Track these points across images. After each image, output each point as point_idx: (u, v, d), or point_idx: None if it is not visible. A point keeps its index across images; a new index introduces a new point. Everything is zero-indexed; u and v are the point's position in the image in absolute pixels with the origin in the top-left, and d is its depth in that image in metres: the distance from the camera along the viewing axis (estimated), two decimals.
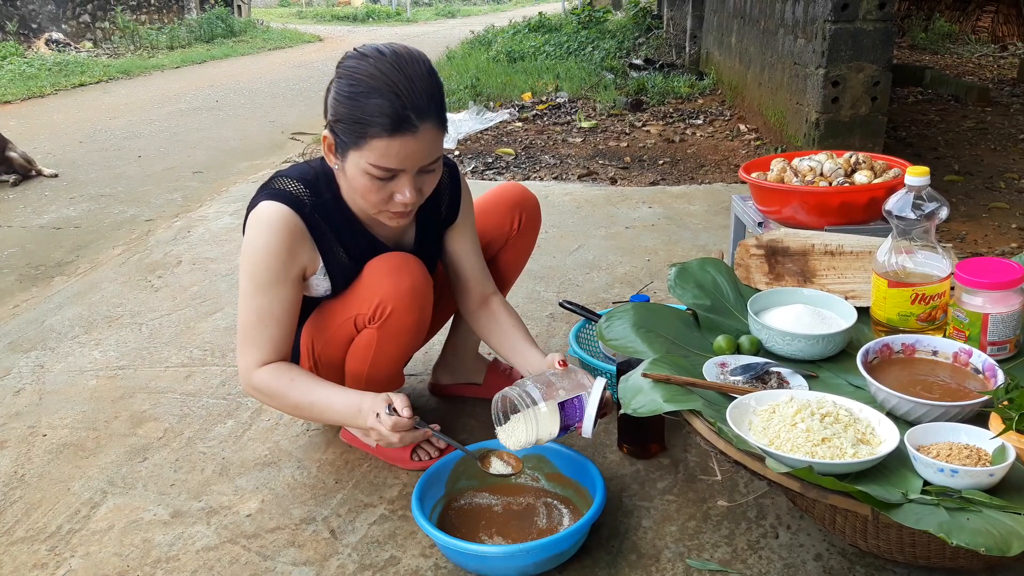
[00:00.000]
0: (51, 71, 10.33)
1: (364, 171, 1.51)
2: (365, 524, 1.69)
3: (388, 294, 1.62)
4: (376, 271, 1.65)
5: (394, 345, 1.70)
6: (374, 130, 1.46)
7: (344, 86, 1.49)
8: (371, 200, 1.56)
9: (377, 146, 1.47)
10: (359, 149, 1.49)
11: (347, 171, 1.55)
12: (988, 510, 1.17)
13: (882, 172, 2.32)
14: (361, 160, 1.50)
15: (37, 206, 4.52)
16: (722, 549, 1.57)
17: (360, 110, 1.46)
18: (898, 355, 1.55)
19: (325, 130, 1.56)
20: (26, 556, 1.64)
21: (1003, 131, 5.44)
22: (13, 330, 2.75)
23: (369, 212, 1.62)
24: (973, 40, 10.19)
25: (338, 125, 1.51)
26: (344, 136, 1.51)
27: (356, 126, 1.47)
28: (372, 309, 1.64)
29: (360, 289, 1.67)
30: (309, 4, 28.35)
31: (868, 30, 3.89)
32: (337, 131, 1.52)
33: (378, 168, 1.49)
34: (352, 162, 1.52)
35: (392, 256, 1.67)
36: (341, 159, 1.55)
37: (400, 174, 1.52)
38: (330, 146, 1.57)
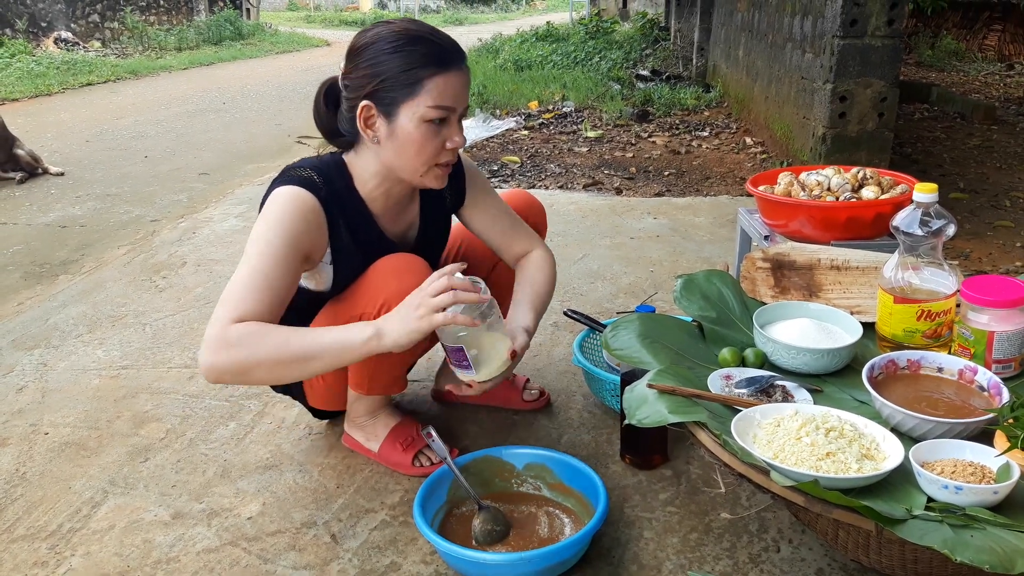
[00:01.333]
0: (59, 70, 10.37)
1: (421, 118, 1.54)
2: (366, 529, 1.68)
3: (393, 294, 1.62)
4: (381, 271, 1.65)
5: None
6: (428, 71, 1.52)
7: (384, 45, 1.53)
8: (428, 151, 1.57)
9: (433, 86, 1.53)
10: (414, 97, 1.53)
11: (398, 131, 1.56)
12: (992, 528, 1.17)
13: (889, 188, 2.33)
14: (418, 107, 1.53)
15: (43, 204, 4.53)
16: (723, 562, 1.56)
17: (410, 57, 1.52)
18: (903, 371, 1.54)
19: (362, 102, 1.55)
20: (26, 554, 1.63)
21: (1009, 149, 5.45)
22: (17, 327, 2.75)
23: (419, 174, 1.62)
24: (980, 58, 10.21)
25: (384, 83, 1.53)
26: (394, 91, 1.53)
27: (408, 74, 1.51)
28: (376, 309, 1.63)
29: (364, 288, 1.66)
30: (317, 8, 28.44)
31: (876, 46, 3.90)
32: (382, 91, 1.53)
33: (436, 108, 1.53)
34: (406, 116, 1.54)
35: (398, 257, 1.67)
36: (388, 121, 1.56)
37: (450, 117, 1.57)
38: (370, 116, 1.57)
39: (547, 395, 2.15)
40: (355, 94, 1.57)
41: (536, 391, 2.14)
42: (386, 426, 1.90)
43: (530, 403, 2.12)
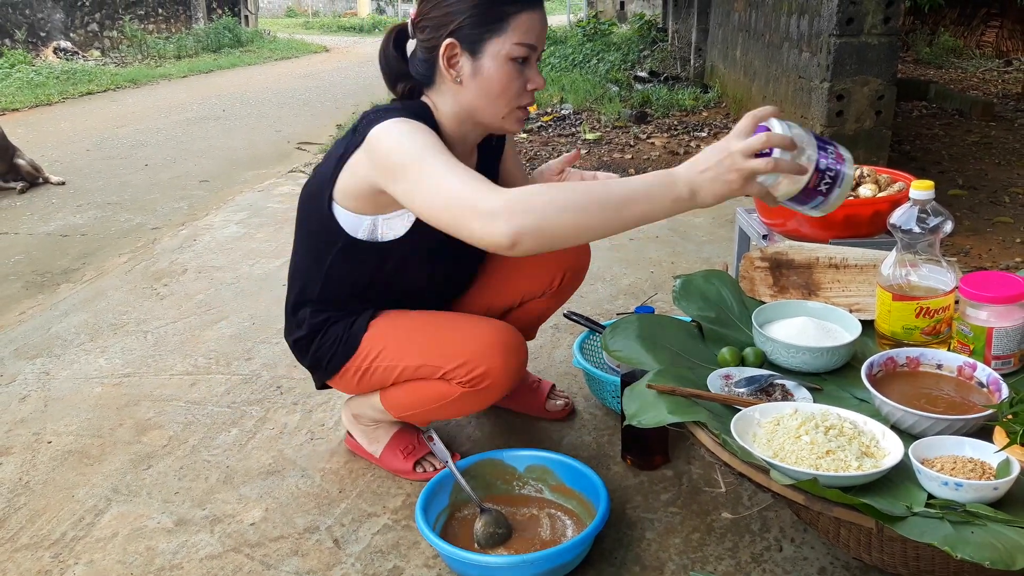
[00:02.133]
0: (59, 79, 10.40)
1: (507, 56, 1.50)
2: (369, 534, 1.69)
3: (495, 368, 1.60)
4: (493, 340, 1.62)
5: (470, 407, 1.71)
6: (514, 7, 1.49)
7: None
8: (512, 91, 1.54)
9: (520, 22, 1.50)
10: (501, 34, 1.50)
11: (483, 69, 1.52)
12: (992, 524, 1.17)
13: (887, 186, 2.33)
14: (505, 44, 1.50)
15: (44, 213, 4.54)
16: (726, 562, 1.56)
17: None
18: (902, 368, 1.54)
19: (446, 39, 1.51)
20: (30, 563, 1.64)
21: (1007, 145, 5.45)
22: (19, 337, 2.76)
23: (501, 115, 1.57)
24: (978, 55, 10.21)
25: (470, 20, 1.49)
26: (480, 28, 1.49)
27: (495, 10, 1.49)
28: (471, 374, 1.61)
29: (468, 345, 1.62)
30: (316, 15, 28.48)
31: (873, 44, 3.91)
32: (467, 28, 1.50)
33: (522, 46, 1.51)
34: (491, 53, 1.51)
35: (510, 332, 1.65)
36: (473, 59, 1.52)
37: (531, 57, 1.54)
38: (453, 55, 1.52)
39: (571, 404, 2.13)
40: (436, 33, 1.52)
41: (561, 401, 2.10)
42: (388, 432, 1.90)
43: (553, 413, 2.09)
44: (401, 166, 1.40)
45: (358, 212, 1.59)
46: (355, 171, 1.52)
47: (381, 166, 1.44)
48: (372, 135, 1.46)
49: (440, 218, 1.35)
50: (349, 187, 1.55)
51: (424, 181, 1.36)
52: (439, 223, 1.36)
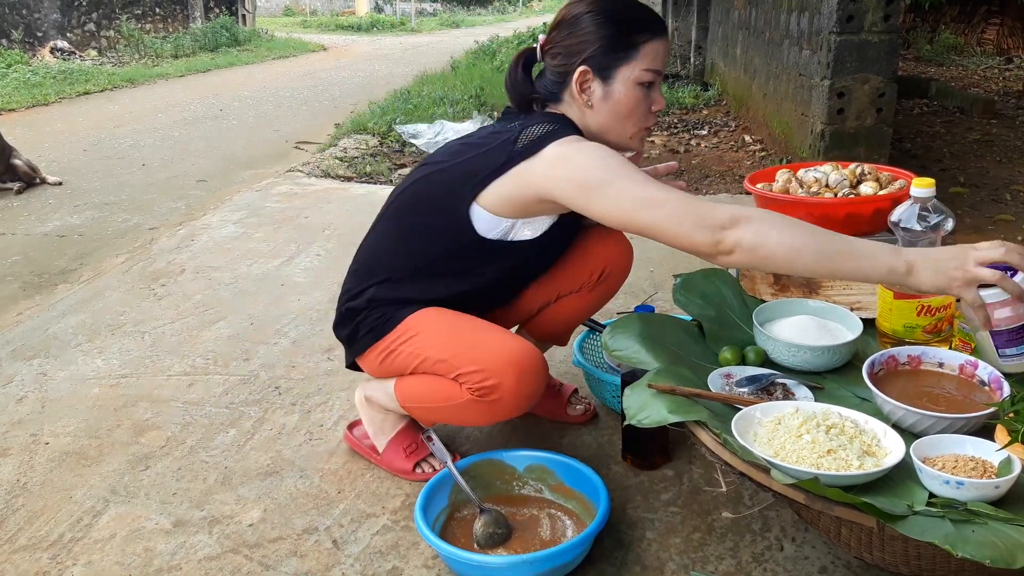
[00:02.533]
0: (56, 79, 10.37)
1: (636, 81, 1.62)
2: (368, 534, 1.68)
3: (509, 386, 1.60)
4: (514, 356, 1.62)
5: (474, 417, 1.69)
6: (644, 36, 1.62)
7: (600, 15, 1.62)
8: (639, 113, 1.66)
9: (649, 50, 1.62)
10: (631, 61, 1.62)
11: (614, 93, 1.63)
12: (994, 522, 1.16)
13: (887, 183, 2.32)
14: (635, 70, 1.62)
15: (41, 214, 4.53)
16: (726, 561, 1.56)
17: (627, 23, 1.62)
18: (904, 367, 1.54)
19: (580, 66, 1.62)
20: (28, 564, 1.63)
21: (1008, 143, 5.45)
22: (16, 337, 2.75)
23: (628, 134, 1.69)
24: (978, 52, 10.21)
25: (602, 48, 1.61)
26: (612, 55, 1.61)
27: (628, 38, 1.61)
28: (482, 384, 1.61)
29: (488, 355, 1.63)
30: (314, 13, 28.46)
31: (873, 42, 3.90)
32: (598, 57, 1.62)
33: (649, 72, 1.63)
34: (622, 78, 1.62)
35: (534, 353, 1.64)
36: (605, 84, 1.63)
37: (656, 81, 1.66)
38: (585, 81, 1.63)
39: (592, 409, 2.11)
40: (569, 60, 1.64)
41: (582, 406, 2.09)
42: (394, 426, 1.89)
43: (574, 417, 2.07)
44: (600, 179, 1.50)
45: (501, 215, 1.65)
46: (522, 181, 1.59)
47: (571, 180, 1.53)
48: (555, 152, 1.55)
49: (651, 223, 1.47)
50: (506, 193, 1.61)
51: (630, 191, 1.48)
52: (646, 228, 1.48)
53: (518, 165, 1.58)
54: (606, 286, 1.96)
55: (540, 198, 1.58)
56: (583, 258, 1.93)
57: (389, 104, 7.45)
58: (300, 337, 2.66)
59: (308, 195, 4.61)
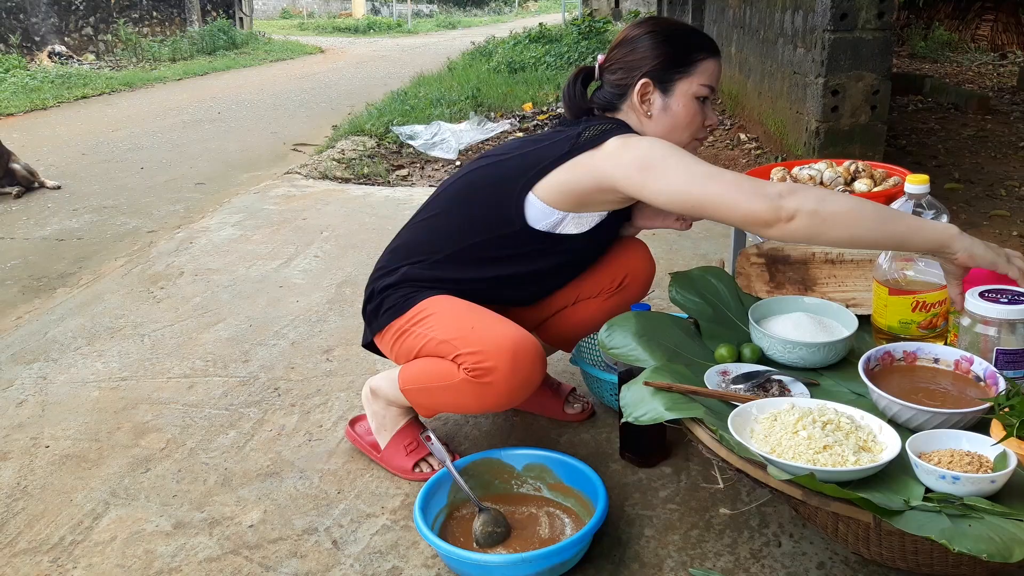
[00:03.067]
0: (54, 83, 10.38)
1: (694, 95, 1.73)
2: (367, 534, 1.69)
3: (502, 370, 1.61)
4: (513, 343, 1.63)
5: (467, 400, 1.69)
6: (702, 54, 1.73)
7: (663, 34, 1.74)
8: (695, 125, 1.75)
9: (706, 67, 1.74)
10: (689, 76, 1.72)
11: (673, 105, 1.73)
12: (990, 517, 1.17)
13: (882, 180, 2.33)
14: (692, 84, 1.73)
15: (40, 218, 4.53)
16: (725, 558, 1.57)
17: (688, 41, 1.74)
18: (899, 363, 1.55)
19: (641, 79, 1.72)
20: (29, 567, 1.64)
21: (1003, 139, 5.46)
22: (16, 341, 2.76)
23: (685, 143, 1.76)
24: (973, 48, 10.22)
25: (663, 63, 1.72)
26: (672, 70, 1.72)
27: (686, 55, 1.72)
28: (478, 365, 1.63)
29: (487, 336, 1.65)
30: (311, 16, 28.45)
31: (867, 39, 3.91)
32: (660, 72, 1.72)
33: (705, 87, 1.74)
34: (681, 91, 1.73)
35: (533, 344, 1.66)
36: (665, 95, 1.73)
37: (709, 96, 1.76)
38: (646, 92, 1.73)
39: (591, 408, 2.12)
40: (629, 74, 1.75)
41: (579, 405, 2.10)
42: (396, 422, 1.90)
43: (572, 416, 2.08)
44: (660, 158, 1.59)
45: (555, 206, 1.72)
46: (584, 170, 1.67)
47: (632, 162, 1.61)
48: (617, 143, 1.64)
49: (709, 194, 1.54)
50: (565, 182, 1.69)
51: (689, 166, 1.57)
52: (704, 200, 1.55)
53: (581, 155, 1.67)
54: (625, 294, 1.99)
55: (599, 185, 1.66)
56: (607, 263, 1.97)
57: (386, 105, 7.46)
58: (299, 338, 2.66)
59: (306, 197, 4.61)
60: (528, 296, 1.94)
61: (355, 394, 2.25)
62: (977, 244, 1.46)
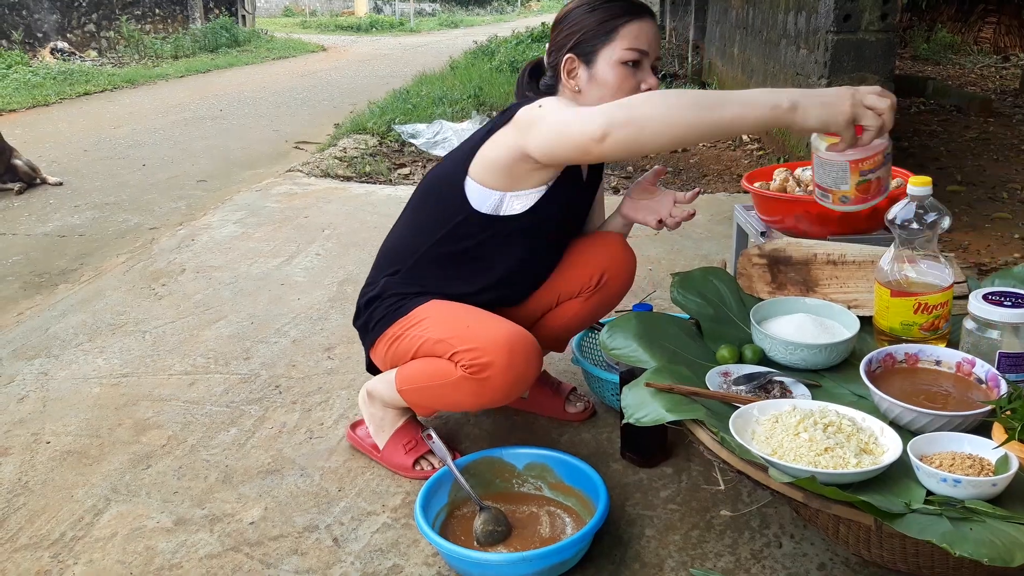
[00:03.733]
0: (56, 80, 10.37)
1: (618, 61, 1.70)
2: (368, 532, 1.69)
3: (499, 365, 1.62)
4: (508, 337, 1.64)
5: (465, 398, 1.70)
6: (622, 19, 1.70)
7: (583, 7, 1.73)
8: (625, 91, 1.69)
9: (628, 31, 1.70)
10: (611, 43, 1.70)
11: (597, 76, 1.71)
12: (991, 520, 1.17)
13: None
14: (616, 50, 1.70)
15: (41, 214, 4.54)
16: (725, 559, 1.57)
17: (606, 11, 1.70)
18: (901, 365, 1.55)
19: (566, 55, 1.73)
20: (29, 563, 1.64)
21: (1005, 141, 5.45)
22: (17, 337, 2.76)
23: None
24: (975, 51, 10.22)
25: (582, 37, 1.71)
26: (592, 42, 1.70)
27: (605, 24, 1.70)
28: (475, 361, 1.63)
29: (483, 333, 1.66)
30: (313, 14, 28.43)
31: (870, 41, 3.90)
32: (580, 44, 1.71)
33: (630, 51, 1.69)
34: (604, 59, 1.70)
35: (528, 339, 1.67)
36: (589, 67, 1.71)
37: (643, 60, 1.72)
38: (572, 68, 1.73)
39: (591, 407, 2.11)
40: (559, 53, 1.75)
41: (580, 404, 2.10)
42: (393, 423, 1.90)
43: (572, 415, 2.08)
44: (545, 113, 1.59)
45: (490, 187, 1.74)
46: (501, 142, 1.70)
47: (524, 124, 1.63)
48: (523, 110, 1.66)
49: (555, 137, 1.55)
50: (490, 159, 1.72)
51: (559, 112, 1.57)
52: (555, 138, 1.55)
53: (498, 131, 1.71)
54: (605, 292, 1.96)
55: (512, 155, 1.67)
56: (583, 262, 1.95)
57: (388, 104, 7.46)
58: (300, 336, 2.66)
59: (308, 195, 4.61)
60: (512, 294, 1.93)
61: (356, 392, 2.25)
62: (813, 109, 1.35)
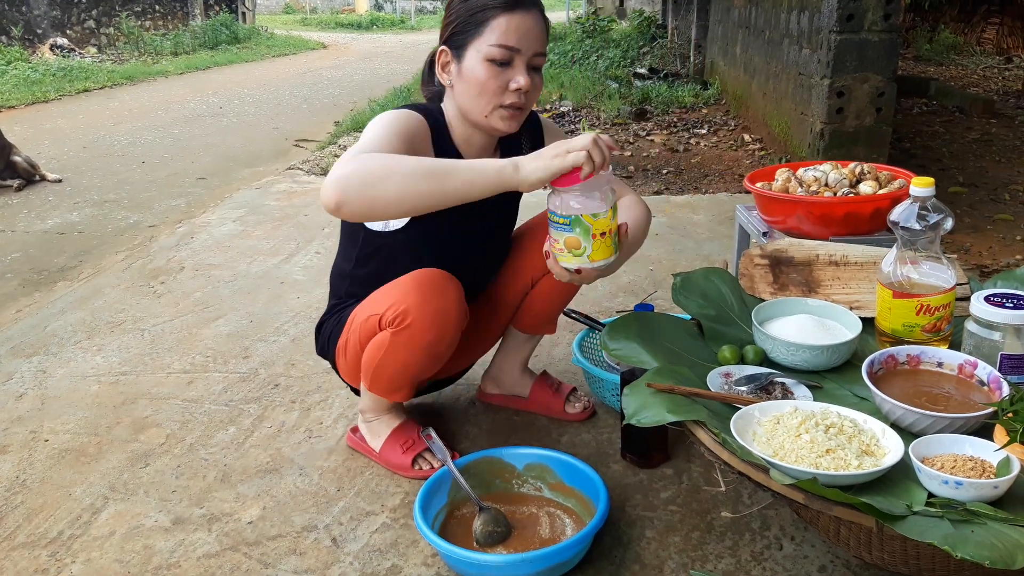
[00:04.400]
0: (55, 76, 10.37)
1: (485, 56, 1.59)
2: (367, 532, 1.68)
3: (413, 305, 1.63)
4: (413, 280, 1.66)
5: (404, 355, 1.69)
6: (492, 12, 1.57)
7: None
8: (489, 90, 1.60)
9: (497, 25, 1.57)
10: (479, 36, 1.59)
11: (464, 71, 1.62)
12: (993, 523, 1.16)
13: (887, 183, 2.32)
14: (482, 46, 1.58)
15: (41, 211, 4.53)
16: (726, 560, 1.56)
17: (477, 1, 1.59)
18: (903, 366, 1.54)
19: (440, 47, 1.67)
20: (27, 561, 1.63)
21: (1008, 143, 5.45)
22: (16, 335, 2.75)
23: (484, 112, 1.64)
24: (978, 52, 10.21)
25: (455, 27, 1.62)
26: (463, 33, 1.61)
27: (476, 15, 1.59)
28: (395, 314, 1.65)
29: (393, 291, 1.68)
30: (314, 11, 28.43)
31: (873, 41, 3.90)
32: (454, 34, 1.63)
33: (499, 48, 1.58)
34: (471, 55, 1.60)
35: (435, 273, 1.67)
36: (458, 62, 1.63)
37: (516, 58, 1.60)
38: (445, 61, 1.67)
39: (592, 407, 2.10)
40: (438, 44, 1.69)
41: (580, 404, 2.09)
42: (388, 426, 1.90)
43: (572, 415, 2.07)
44: (362, 138, 1.54)
45: None
46: None
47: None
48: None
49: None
50: None
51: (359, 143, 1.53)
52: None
53: None
54: None
55: None
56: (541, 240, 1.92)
57: (389, 102, 7.46)
58: (300, 335, 2.66)
59: (308, 193, 4.60)
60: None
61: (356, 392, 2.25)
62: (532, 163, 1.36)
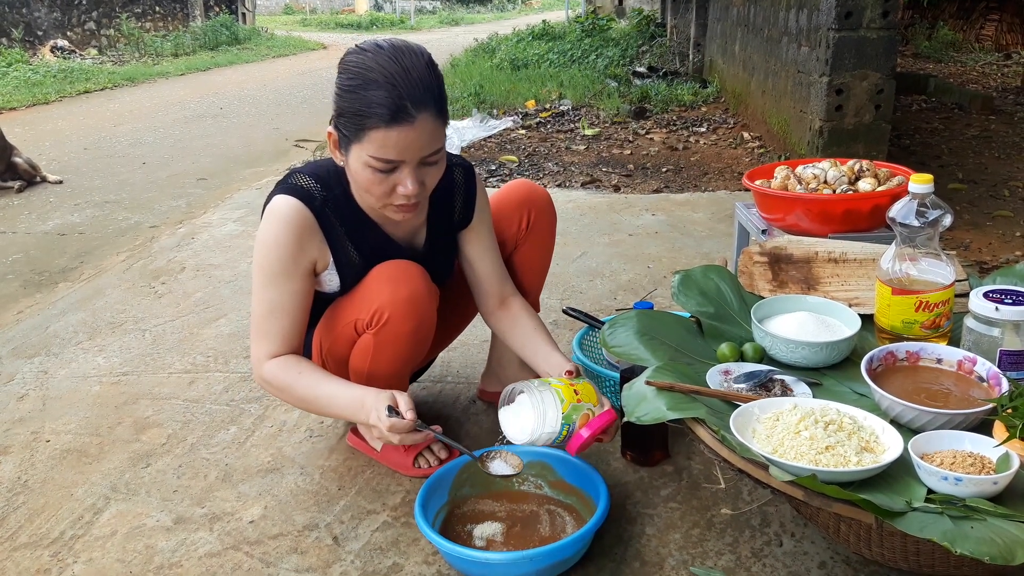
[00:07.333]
0: (56, 78, 10.36)
1: (365, 164, 1.51)
2: (368, 531, 1.68)
3: (386, 302, 1.64)
4: (377, 278, 1.67)
5: (392, 351, 1.70)
6: (372, 121, 1.47)
7: (344, 80, 1.51)
8: (375, 193, 1.56)
9: (375, 137, 1.48)
10: (359, 142, 1.50)
11: (350, 166, 1.57)
12: (992, 519, 1.16)
13: (886, 180, 2.32)
14: (362, 153, 1.51)
15: (41, 212, 4.53)
16: (726, 557, 1.56)
17: (359, 102, 1.47)
18: (902, 363, 1.54)
19: (330, 126, 1.58)
20: (29, 562, 1.64)
21: (1007, 139, 5.44)
22: (17, 336, 2.76)
23: (375, 207, 1.62)
24: (977, 48, 10.20)
25: (340, 120, 1.53)
26: (346, 130, 1.52)
27: (356, 119, 1.49)
28: (370, 315, 1.66)
29: (362, 294, 1.69)
30: (313, 12, 28.42)
31: (872, 38, 3.90)
32: (340, 126, 1.54)
33: (378, 160, 1.50)
34: (354, 156, 1.53)
35: (394, 264, 1.68)
36: (345, 154, 1.56)
37: (401, 166, 1.52)
38: (335, 142, 1.58)
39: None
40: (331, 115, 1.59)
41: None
42: None
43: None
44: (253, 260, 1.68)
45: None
46: None
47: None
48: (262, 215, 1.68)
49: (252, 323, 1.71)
50: None
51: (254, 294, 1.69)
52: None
53: None
54: (539, 228, 2.00)
55: None
56: (508, 212, 1.98)
57: None
58: None
59: None
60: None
61: None
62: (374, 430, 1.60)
